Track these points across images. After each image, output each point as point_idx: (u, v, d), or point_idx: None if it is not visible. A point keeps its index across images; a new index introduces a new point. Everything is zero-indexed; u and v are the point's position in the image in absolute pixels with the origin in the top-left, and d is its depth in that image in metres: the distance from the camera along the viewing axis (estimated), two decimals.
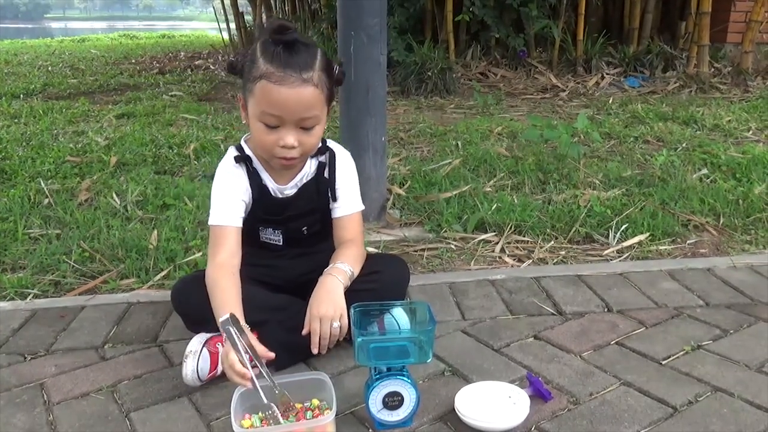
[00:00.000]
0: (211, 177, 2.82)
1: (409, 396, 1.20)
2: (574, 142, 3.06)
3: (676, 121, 3.94)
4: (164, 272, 1.96)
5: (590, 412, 1.27)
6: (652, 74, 5.49)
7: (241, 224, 1.45)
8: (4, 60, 8.30)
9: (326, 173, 1.50)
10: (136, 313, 1.71)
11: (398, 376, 1.20)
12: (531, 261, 2.05)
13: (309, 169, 1.49)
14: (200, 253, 2.04)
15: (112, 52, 9.70)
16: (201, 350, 1.35)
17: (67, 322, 1.67)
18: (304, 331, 1.37)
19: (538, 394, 1.29)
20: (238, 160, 1.45)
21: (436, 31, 5.85)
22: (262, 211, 1.49)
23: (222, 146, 3.38)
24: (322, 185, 1.50)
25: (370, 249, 2.01)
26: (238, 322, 1.20)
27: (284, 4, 8.15)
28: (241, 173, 1.46)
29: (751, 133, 3.66)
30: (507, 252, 2.12)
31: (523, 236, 2.22)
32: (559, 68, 5.68)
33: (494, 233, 2.24)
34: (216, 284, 1.36)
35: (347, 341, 1.44)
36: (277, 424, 1.18)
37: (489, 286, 1.84)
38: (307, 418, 1.21)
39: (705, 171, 2.85)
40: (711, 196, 2.48)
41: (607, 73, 5.51)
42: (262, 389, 1.19)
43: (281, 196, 1.48)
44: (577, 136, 3.41)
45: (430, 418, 1.26)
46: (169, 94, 5.34)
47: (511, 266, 2.03)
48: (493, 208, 2.37)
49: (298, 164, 1.45)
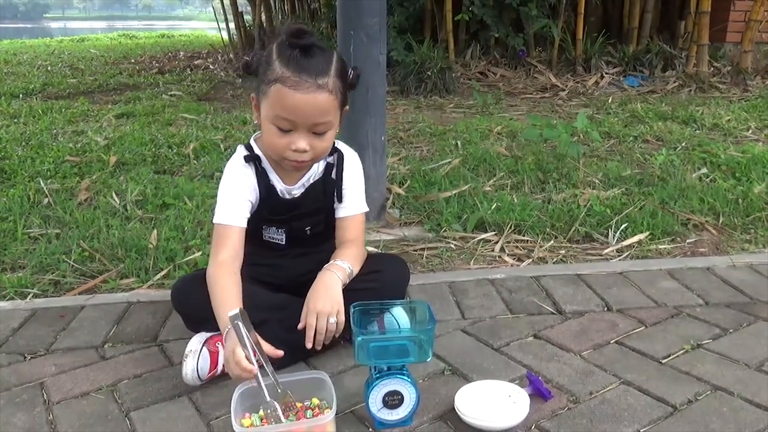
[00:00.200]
0: (211, 176, 2.86)
1: (409, 395, 1.20)
2: (574, 142, 3.06)
3: (676, 121, 3.94)
4: (164, 272, 1.95)
5: (590, 411, 1.27)
6: (652, 74, 5.49)
7: (246, 224, 1.45)
8: (4, 60, 8.30)
9: (334, 174, 1.50)
10: (135, 313, 1.71)
11: (398, 375, 1.20)
12: (531, 260, 2.06)
13: (317, 170, 1.49)
14: (200, 253, 2.04)
15: (112, 51, 9.70)
16: (201, 349, 1.34)
17: (66, 321, 1.67)
18: (300, 325, 1.37)
19: (538, 393, 1.29)
20: (247, 160, 1.45)
21: (436, 30, 5.85)
22: (268, 212, 1.48)
23: (221, 146, 3.38)
24: (329, 186, 1.50)
25: (369, 248, 2.01)
26: (247, 318, 1.19)
27: (283, 4, 8.16)
28: (250, 173, 1.45)
29: (750, 132, 3.66)
30: (507, 251, 2.12)
31: (523, 235, 2.22)
32: (559, 68, 5.68)
33: (494, 232, 2.24)
34: (216, 283, 1.36)
35: (348, 341, 1.44)
36: (278, 422, 1.18)
37: (489, 286, 1.84)
38: (307, 417, 1.21)
39: (704, 170, 2.86)
40: (710, 196, 2.48)
41: (607, 73, 5.51)
42: (265, 387, 1.19)
43: (288, 196, 1.48)
44: (577, 135, 3.41)
45: (430, 417, 1.26)
46: (169, 93, 5.34)
47: (511, 265, 2.03)
48: (493, 207, 2.37)
49: (309, 166, 1.45)
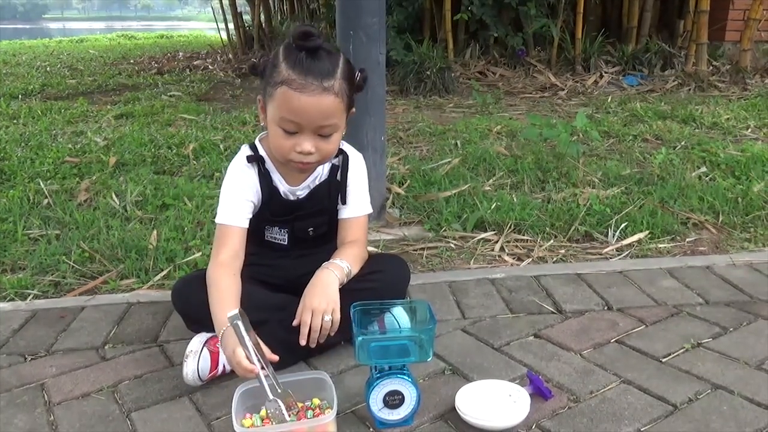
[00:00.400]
0: (210, 177, 2.86)
1: (410, 395, 1.20)
2: (573, 141, 3.06)
3: (675, 120, 3.94)
4: (164, 272, 1.96)
5: (590, 410, 1.27)
6: (651, 73, 5.49)
7: (247, 225, 1.45)
8: (3, 61, 8.29)
9: (339, 176, 1.50)
10: (136, 314, 1.71)
11: (399, 375, 1.20)
12: (530, 260, 2.06)
13: (322, 171, 1.49)
14: (200, 253, 2.04)
15: (111, 52, 9.70)
16: (201, 350, 1.35)
17: (67, 322, 1.67)
18: (295, 322, 1.37)
19: (539, 393, 1.29)
20: (250, 160, 1.44)
21: (435, 30, 5.85)
22: (270, 212, 1.48)
23: (221, 146, 3.37)
24: (334, 188, 1.50)
25: (369, 248, 2.01)
26: (247, 319, 1.19)
27: (282, 4, 8.16)
28: (252, 173, 1.45)
29: (749, 131, 3.66)
30: (506, 251, 2.12)
31: (523, 235, 2.23)
32: (558, 67, 5.68)
33: (494, 232, 2.24)
34: (215, 283, 1.36)
35: (348, 341, 1.44)
36: (281, 421, 1.18)
37: (489, 285, 1.84)
38: (308, 417, 1.21)
39: (704, 169, 2.86)
40: (710, 194, 2.48)
41: (606, 72, 5.51)
42: (269, 387, 1.19)
43: (292, 198, 1.48)
44: (576, 134, 3.41)
45: (430, 417, 1.26)
46: (168, 94, 5.34)
47: (511, 265, 2.03)
48: (493, 206, 2.37)
49: (313, 168, 1.45)
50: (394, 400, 1.20)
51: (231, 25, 8.02)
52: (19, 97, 5.30)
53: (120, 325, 1.65)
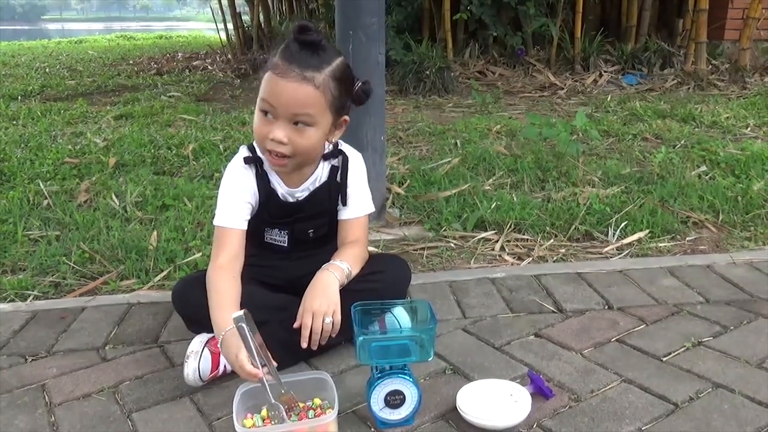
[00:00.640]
0: (210, 177, 2.86)
1: (411, 394, 1.20)
2: (573, 140, 3.06)
3: (675, 119, 3.94)
4: (164, 273, 1.96)
5: (591, 410, 1.27)
6: (650, 72, 5.49)
7: (246, 226, 1.44)
8: (2, 62, 8.29)
9: (338, 177, 1.50)
10: (136, 314, 1.71)
11: (400, 375, 1.20)
12: (531, 259, 2.06)
13: (321, 173, 1.48)
14: (200, 254, 2.04)
15: (110, 53, 9.70)
16: (202, 350, 1.35)
17: (67, 323, 1.67)
18: (296, 324, 1.37)
19: (540, 392, 1.29)
20: (247, 161, 1.44)
21: (434, 29, 5.85)
22: (269, 214, 1.48)
23: (221, 146, 3.37)
24: (334, 189, 1.50)
25: (370, 248, 2.01)
26: (252, 320, 1.19)
27: (282, 4, 8.16)
28: (250, 175, 1.44)
29: (749, 129, 3.66)
30: (507, 250, 2.12)
31: (523, 234, 2.23)
32: (557, 66, 5.69)
33: (494, 231, 2.24)
34: (215, 287, 1.36)
35: (349, 341, 1.44)
36: (281, 422, 1.18)
37: (489, 285, 1.84)
38: (309, 417, 1.21)
39: (704, 168, 2.86)
40: (710, 193, 2.49)
41: (605, 71, 5.51)
42: (271, 387, 1.19)
43: (291, 200, 1.47)
44: (576, 134, 3.42)
45: (431, 417, 1.26)
46: (167, 94, 5.34)
47: (511, 264, 2.03)
48: (493, 206, 2.37)
49: (293, 166, 1.40)
50: (395, 399, 1.20)
51: (230, 26, 8.01)
52: (19, 98, 5.30)
53: (120, 326, 1.65)
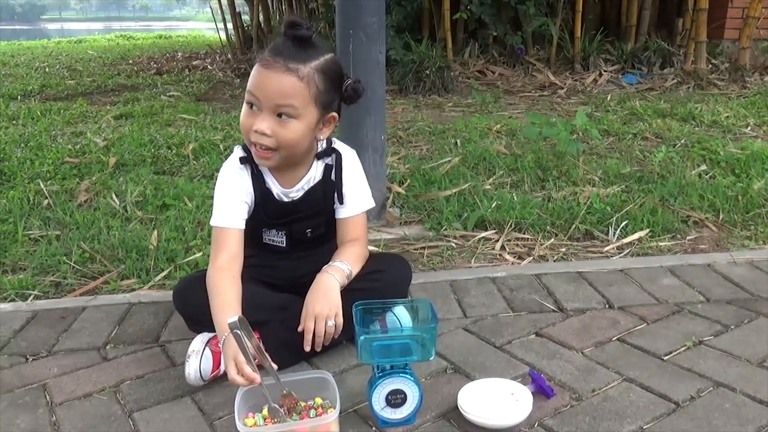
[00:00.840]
0: (210, 177, 2.86)
1: (412, 394, 1.20)
2: (573, 140, 3.06)
3: (675, 118, 3.94)
4: (165, 272, 1.96)
5: (593, 409, 1.27)
6: (650, 71, 5.49)
7: (244, 226, 1.44)
8: (1, 62, 8.29)
9: (333, 176, 1.49)
10: (137, 314, 1.71)
11: (401, 374, 1.20)
12: (531, 258, 2.06)
13: (315, 172, 1.48)
14: (200, 253, 2.04)
15: (109, 52, 9.69)
16: (203, 350, 1.35)
17: (68, 322, 1.67)
18: (299, 328, 1.37)
19: (541, 391, 1.29)
20: (243, 162, 1.44)
21: (434, 29, 5.85)
22: (265, 214, 1.48)
23: (221, 146, 3.37)
24: (329, 188, 1.49)
25: (370, 248, 2.01)
26: (247, 325, 1.19)
27: (281, 4, 8.14)
28: (245, 175, 1.44)
29: (749, 128, 3.66)
30: (507, 249, 2.12)
31: (523, 234, 2.23)
32: (557, 66, 5.68)
33: (494, 231, 2.24)
34: (215, 287, 1.36)
35: (350, 340, 1.44)
36: (283, 421, 1.18)
37: (490, 284, 1.84)
38: (311, 416, 1.21)
39: (704, 167, 2.86)
40: (710, 192, 2.49)
41: (605, 70, 5.51)
42: (268, 389, 1.19)
43: (286, 199, 1.47)
44: (576, 133, 3.42)
45: (433, 416, 1.26)
46: (167, 94, 5.34)
47: (512, 264, 2.03)
48: (493, 205, 2.37)
49: (278, 161, 1.38)
50: (396, 399, 1.20)
51: (230, 25, 8.02)
52: (19, 98, 5.30)
53: (121, 326, 1.65)
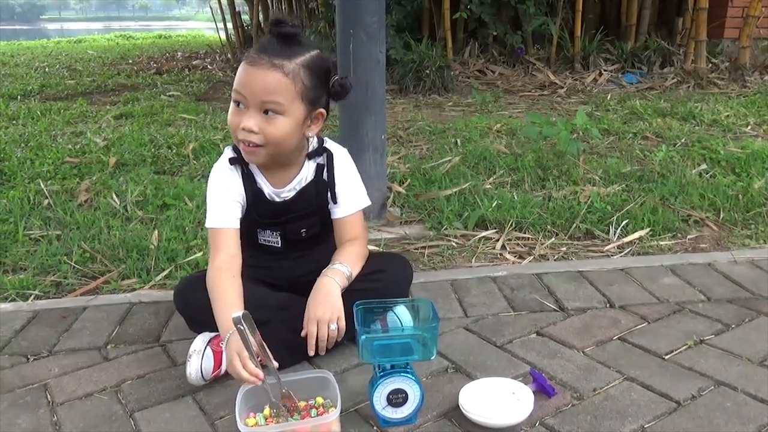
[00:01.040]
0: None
1: (413, 393, 1.20)
2: (573, 139, 3.06)
3: (675, 117, 3.94)
4: (165, 272, 1.96)
5: (594, 408, 1.27)
6: (650, 70, 5.49)
7: (239, 225, 1.44)
8: (1, 62, 8.29)
9: (325, 175, 1.48)
10: (138, 313, 1.71)
11: (402, 374, 1.20)
12: (532, 257, 2.06)
13: (307, 172, 1.47)
14: (201, 253, 2.04)
15: (109, 52, 9.69)
16: (204, 349, 1.35)
17: (69, 322, 1.66)
18: (303, 333, 1.38)
19: (542, 390, 1.29)
20: (233, 162, 1.44)
21: (434, 28, 5.85)
22: (258, 214, 1.47)
23: (221, 146, 3.37)
24: (322, 188, 1.48)
25: (371, 247, 2.01)
26: (251, 320, 1.19)
27: (281, 4, 8.14)
28: (236, 175, 1.44)
29: (749, 128, 3.66)
30: (508, 249, 2.12)
31: (524, 233, 2.23)
32: (557, 65, 5.68)
33: (495, 230, 2.24)
34: (216, 287, 1.36)
35: (351, 340, 1.44)
36: (285, 421, 1.18)
37: (490, 283, 1.84)
38: (312, 416, 1.21)
39: (704, 166, 2.86)
40: (711, 192, 2.49)
41: (605, 70, 5.51)
42: (271, 387, 1.19)
43: (278, 200, 1.47)
44: (576, 132, 3.42)
45: (434, 415, 1.26)
46: (167, 94, 5.34)
47: (512, 263, 2.03)
48: (494, 205, 2.37)
49: (266, 157, 1.38)
50: (397, 398, 1.20)
51: (229, 25, 8.02)
52: (18, 97, 5.30)
53: (122, 325, 1.65)
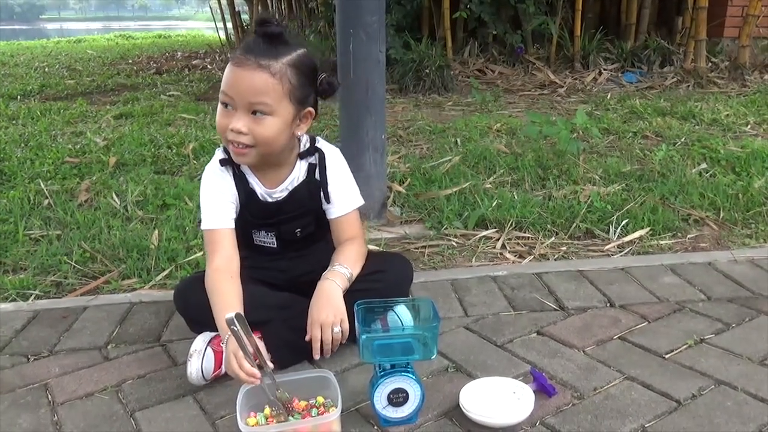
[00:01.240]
0: None
1: (414, 392, 1.21)
2: (573, 138, 3.06)
3: (675, 116, 3.94)
4: (166, 272, 1.96)
5: (594, 407, 1.27)
6: (650, 69, 5.49)
7: (234, 225, 1.44)
8: (1, 62, 8.28)
9: (317, 174, 1.48)
10: (138, 313, 1.71)
11: (403, 373, 1.20)
12: (532, 257, 2.06)
13: (299, 172, 1.47)
14: (201, 253, 2.04)
15: (109, 52, 9.69)
16: (205, 349, 1.35)
17: (69, 322, 1.67)
18: (307, 338, 1.38)
19: (542, 390, 1.29)
20: (223, 163, 1.44)
21: (434, 28, 5.84)
22: (251, 215, 1.47)
23: (221, 145, 3.37)
24: (314, 187, 1.48)
25: (371, 247, 2.01)
26: (244, 321, 1.19)
27: (281, 3, 8.14)
28: (227, 176, 1.44)
29: (749, 127, 3.66)
30: (508, 248, 2.12)
31: (524, 232, 2.23)
32: (557, 64, 5.68)
33: (495, 230, 2.24)
34: (215, 288, 1.36)
35: (351, 339, 1.44)
36: (285, 419, 1.18)
37: (491, 283, 1.84)
38: (313, 415, 1.21)
39: (704, 165, 2.86)
40: (711, 191, 2.49)
41: (605, 69, 5.51)
42: (268, 387, 1.20)
43: (271, 200, 1.46)
44: (576, 132, 3.42)
45: (434, 415, 1.26)
46: (167, 93, 5.34)
47: (513, 262, 2.03)
48: (494, 204, 2.37)
49: (256, 157, 1.38)
50: (398, 397, 1.20)
51: (229, 25, 8.01)
52: (18, 97, 5.30)
53: (122, 325, 1.65)
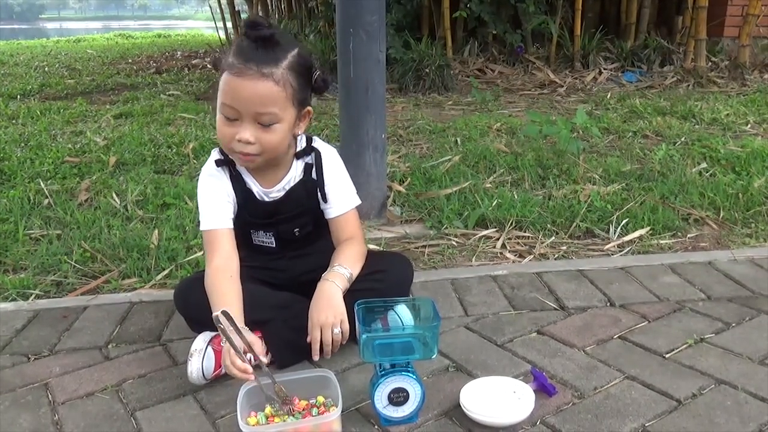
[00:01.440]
0: None
1: (415, 392, 1.21)
2: (574, 138, 3.06)
3: (675, 116, 3.94)
4: (166, 271, 1.96)
5: (595, 406, 1.27)
6: (650, 69, 5.49)
7: (232, 225, 1.44)
8: (0, 61, 8.28)
9: (314, 174, 1.48)
10: (138, 313, 1.71)
11: (403, 373, 1.20)
12: (532, 256, 2.06)
13: (296, 172, 1.47)
14: (201, 252, 2.04)
15: (109, 52, 9.68)
16: (206, 349, 1.35)
17: (69, 322, 1.67)
18: (308, 339, 1.38)
19: (543, 389, 1.29)
20: (219, 164, 1.43)
21: (434, 27, 5.84)
22: (249, 215, 1.47)
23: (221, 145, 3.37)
24: (311, 187, 1.48)
25: (372, 246, 2.01)
26: (231, 319, 1.18)
27: (280, 3, 8.14)
28: (224, 177, 1.44)
29: (749, 126, 3.66)
30: (508, 248, 2.12)
31: (524, 232, 2.23)
32: (557, 64, 5.68)
33: (495, 229, 2.24)
34: (214, 289, 1.36)
35: (352, 338, 1.44)
36: (283, 417, 1.18)
37: (491, 282, 1.84)
38: (313, 414, 1.21)
39: (704, 165, 2.86)
40: (711, 190, 2.49)
41: (605, 68, 5.51)
42: (264, 384, 1.20)
43: (268, 199, 1.46)
44: (576, 131, 3.42)
45: (435, 414, 1.26)
46: (167, 93, 5.33)
47: (513, 262, 2.03)
48: (494, 204, 2.37)
49: (262, 162, 1.38)
50: (398, 397, 1.20)
51: (229, 24, 8.00)
52: (18, 97, 5.29)
53: (123, 325, 1.65)
